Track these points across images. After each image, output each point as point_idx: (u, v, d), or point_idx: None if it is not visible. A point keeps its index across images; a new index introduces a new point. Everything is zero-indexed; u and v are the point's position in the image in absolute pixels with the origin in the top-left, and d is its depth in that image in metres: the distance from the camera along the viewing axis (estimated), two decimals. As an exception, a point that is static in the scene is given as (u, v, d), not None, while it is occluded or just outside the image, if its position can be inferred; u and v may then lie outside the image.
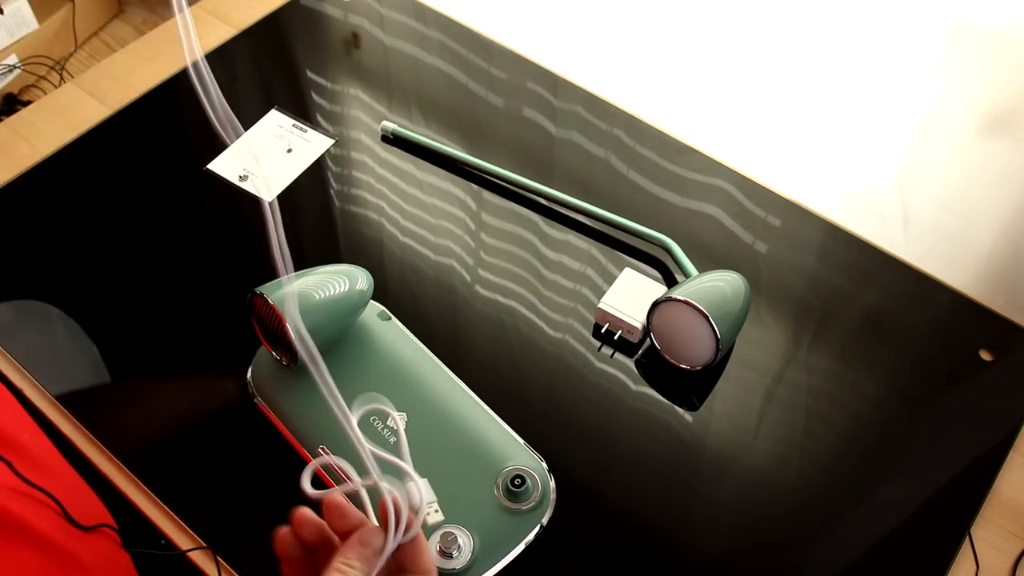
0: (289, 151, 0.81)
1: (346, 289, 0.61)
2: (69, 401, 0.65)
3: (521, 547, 0.57)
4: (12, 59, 1.78)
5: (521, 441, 0.61)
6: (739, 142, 0.85)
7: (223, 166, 0.79)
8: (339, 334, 0.63)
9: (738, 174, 0.80)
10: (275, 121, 0.83)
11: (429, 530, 0.55)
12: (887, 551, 0.59)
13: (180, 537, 0.59)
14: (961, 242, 0.82)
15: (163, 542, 0.59)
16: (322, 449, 0.59)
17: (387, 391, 0.62)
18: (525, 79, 0.88)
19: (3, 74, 1.77)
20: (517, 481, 0.57)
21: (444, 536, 0.55)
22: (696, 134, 0.83)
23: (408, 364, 0.63)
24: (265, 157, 0.81)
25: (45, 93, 1.77)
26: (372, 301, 0.66)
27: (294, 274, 0.61)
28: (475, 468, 0.59)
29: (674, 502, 0.62)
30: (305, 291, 0.59)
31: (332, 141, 0.81)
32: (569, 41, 0.97)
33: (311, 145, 0.81)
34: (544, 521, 0.58)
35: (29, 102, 1.66)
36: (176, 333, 0.69)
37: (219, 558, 0.58)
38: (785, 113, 0.95)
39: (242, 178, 0.78)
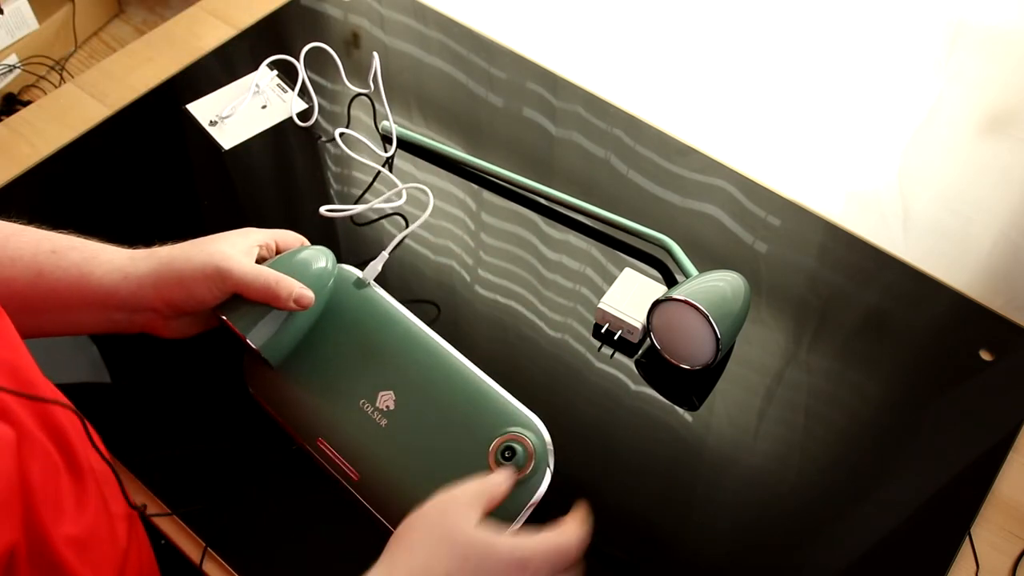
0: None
1: (305, 274, 0.60)
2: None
3: (526, 512, 0.55)
4: (12, 59, 1.78)
5: (513, 401, 0.59)
6: (739, 142, 0.85)
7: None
8: (309, 322, 0.61)
9: (738, 174, 0.80)
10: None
11: None
12: (887, 551, 0.59)
13: (175, 531, 0.59)
14: (961, 242, 0.82)
15: (163, 542, 0.59)
16: (320, 442, 0.59)
17: (369, 365, 0.60)
18: (525, 79, 0.88)
19: (3, 74, 1.77)
20: (507, 453, 0.55)
21: None
22: (696, 134, 0.83)
23: (389, 334, 0.61)
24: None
25: (45, 93, 1.77)
26: (347, 267, 0.64)
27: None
28: (467, 441, 0.57)
29: (674, 502, 0.62)
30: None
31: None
32: (569, 41, 0.97)
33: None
34: (545, 484, 0.56)
35: (29, 102, 1.66)
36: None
37: (209, 550, 0.58)
38: (785, 113, 0.95)
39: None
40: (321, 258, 0.62)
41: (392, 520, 0.56)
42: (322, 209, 0.73)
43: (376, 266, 0.65)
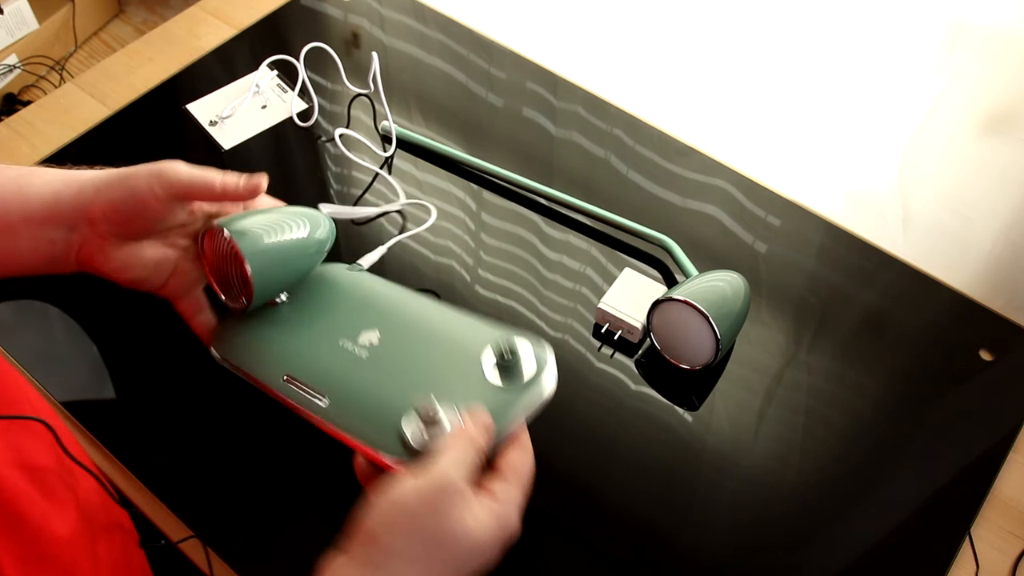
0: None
1: (306, 234, 0.58)
2: (70, 401, 0.65)
3: (524, 417, 0.51)
4: (12, 59, 1.78)
5: (506, 327, 0.55)
6: (739, 142, 0.85)
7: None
8: (299, 276, 0.60)
9: (738, 174, 0.80)
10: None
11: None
12: (887, 551, 0.59)
13: (168, 521, 0.59)
14: (961, 242, 0.82)
15: (163, 542, 0.59)
16: (286, 377, 0.55)
17: (353, 314, 0.57)
18: (525, 79, 0.88)
19: (3, 74, 1.77)
20: (509, 354, 0.51)
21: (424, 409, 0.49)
22: (696, 134, 0.83)
23: (379, 290, 0.59)
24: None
25: (45, 93, 1.77)
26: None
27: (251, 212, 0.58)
28: (458, 353, 0.53)
29: (674, 502, 0.62)
30: (263, 229, 0.56)
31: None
32: (569, 41, 0.97)
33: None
34: (549, 391, 0.52)
35: (29, 102, 1.66)
36: (175, 333, 0.69)
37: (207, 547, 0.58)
38: (785, 113, 0.95)
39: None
40: (321, 224, 0.60)
41: (363, 437, 0.51)
42: (321, 208, 0.73)
43: (372, 257, 0.64)
